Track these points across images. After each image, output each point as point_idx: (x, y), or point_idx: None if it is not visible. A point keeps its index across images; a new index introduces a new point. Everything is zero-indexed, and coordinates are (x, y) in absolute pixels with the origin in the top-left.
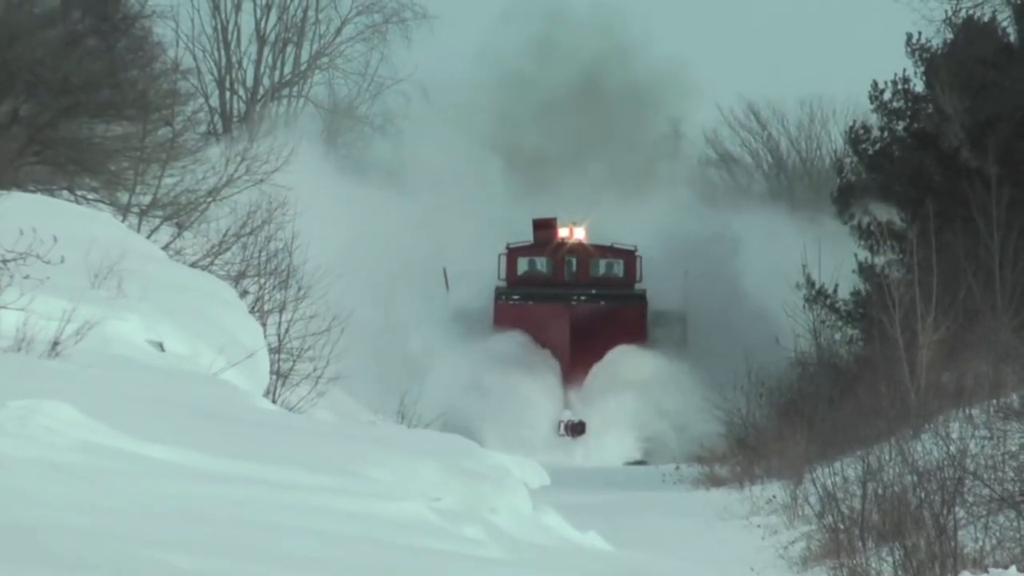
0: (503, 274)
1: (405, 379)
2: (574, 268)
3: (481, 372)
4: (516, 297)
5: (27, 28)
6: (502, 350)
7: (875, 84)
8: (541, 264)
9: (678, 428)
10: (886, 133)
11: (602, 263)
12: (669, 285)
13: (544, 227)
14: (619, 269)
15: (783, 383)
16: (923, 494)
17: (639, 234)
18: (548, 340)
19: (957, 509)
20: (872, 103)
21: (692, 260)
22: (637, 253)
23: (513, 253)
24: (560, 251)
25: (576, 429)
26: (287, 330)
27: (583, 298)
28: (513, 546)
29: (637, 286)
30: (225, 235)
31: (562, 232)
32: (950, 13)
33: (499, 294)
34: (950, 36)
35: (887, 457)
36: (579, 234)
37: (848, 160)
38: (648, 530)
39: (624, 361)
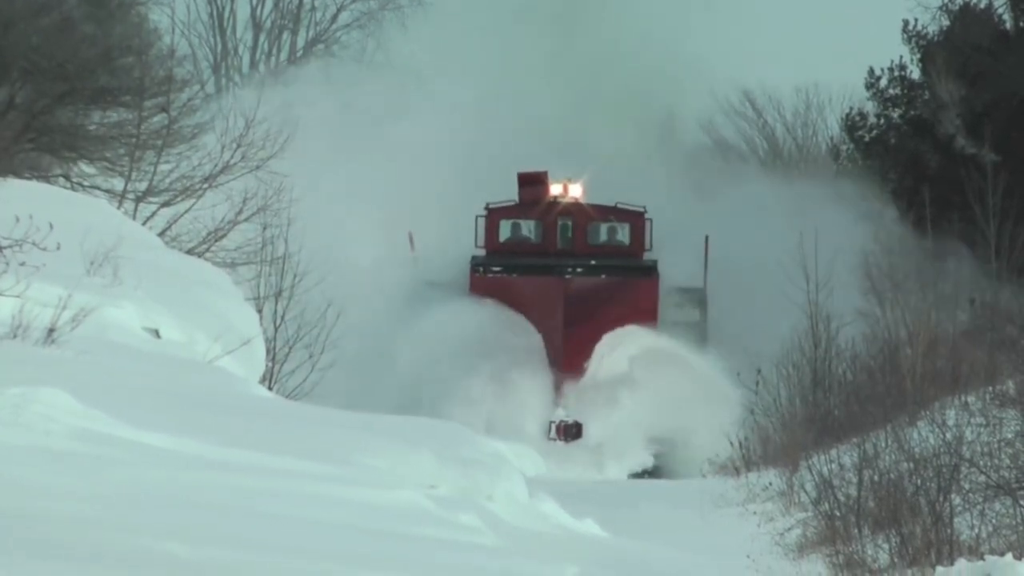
0: (482, 240)
1: (367, 368)
2: (569, 233)
3: (445, 358)
4: (497, 268)
5: (23, 14)
6: (472, 329)
7: (871, 71)
8: (528, 228)
9: (694, 432)
10: (882, 120)
11: (603, 228)
12: (686, 254)
13: (532, 183)
14: (624, 235)
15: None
16: (919, 481)
17: (648, 193)
18: (537, 322)
19: (953, 496)
20: (868, 90)
21: (713, 223)
22: (647, 215)
23: (494, 215)
24: (552, 212)
25: (570, 432)
26: (283, 316)
27: (580, 270)
28: (509, 533)
29: (647, 255)
30: (221, 222)
31: (554, 189)
32: (947, 0)
33: (476, 265)
34: (947, 23)
35: (883, 444)
36: (575, 192)
37: (844, 147)
38: (644, 517)
39: (629, 346)
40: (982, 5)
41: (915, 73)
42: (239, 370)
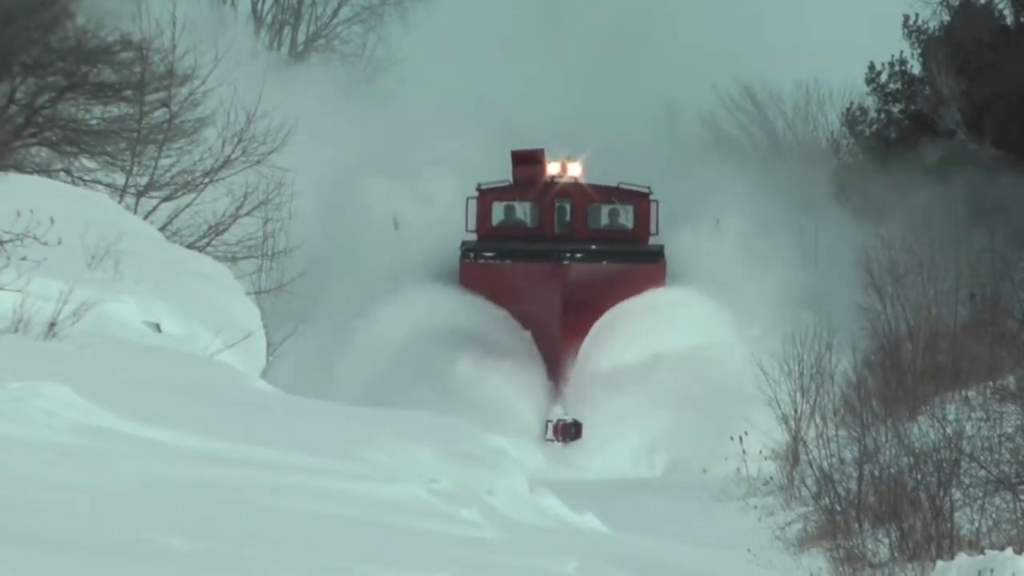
0: (473, 224)
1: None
2: (567, 216)
3: (431, 353)
4: (489, 254)
5: (24, 9)
6: (460, 321)
7: (872, 66)
8: (523, 211)
9: (709, 422)
10: (883, 115)
11: (605, 210)
12: (696, 238)
13: (527, 162)
14: (628, 218)
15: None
16: (919, 476)
17: (652, 173)
18: (532, 313)
19: (953, 491)
20: (869, 85)
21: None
22: (652, 196)
23: (486, 196)
24: (549, 194)
25: (569, 432)
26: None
27: (580, 256)
28: (510, 528)
29: (653, 240)
30: (222, 216)
31: (551, 169)
32: None
33: (466, 251)
34: (947, 18)
35: (884, 439)
36: (574, 171)
37: (845, 142)
38: (645, 512)
39: (637, 320)
40: (982, 0)
41: (915, 68)
42: (240, 364)
